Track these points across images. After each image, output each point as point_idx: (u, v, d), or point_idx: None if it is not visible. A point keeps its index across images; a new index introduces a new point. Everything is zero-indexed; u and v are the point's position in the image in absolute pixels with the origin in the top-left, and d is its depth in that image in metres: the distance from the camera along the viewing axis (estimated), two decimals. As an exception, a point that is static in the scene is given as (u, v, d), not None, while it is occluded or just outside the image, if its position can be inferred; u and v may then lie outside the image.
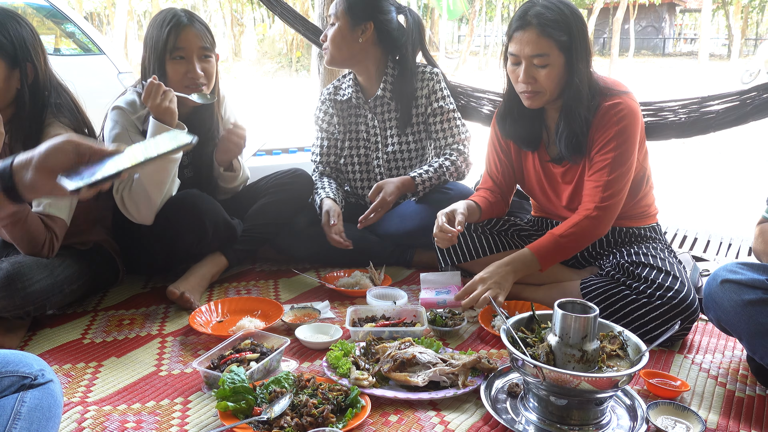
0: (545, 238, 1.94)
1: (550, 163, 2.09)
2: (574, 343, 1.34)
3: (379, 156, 2.60)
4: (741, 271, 1.59)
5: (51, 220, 1.87)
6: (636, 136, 1.92)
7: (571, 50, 1.86)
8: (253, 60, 22.12)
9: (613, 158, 1.90)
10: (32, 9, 4.80)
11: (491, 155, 2.25)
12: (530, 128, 2.08)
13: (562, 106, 1.94)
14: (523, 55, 1.87)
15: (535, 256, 1.91)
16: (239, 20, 24.69)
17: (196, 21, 2.15)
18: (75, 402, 1.51)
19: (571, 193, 2.07)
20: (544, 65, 1.86)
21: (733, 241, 3.01)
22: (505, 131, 2.12)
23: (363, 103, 2.59)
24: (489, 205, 2.18)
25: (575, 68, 1.88)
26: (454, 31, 31.00)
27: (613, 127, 1.89)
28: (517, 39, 1.87)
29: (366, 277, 2.33)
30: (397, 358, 1.58)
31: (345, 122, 2.65)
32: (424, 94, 2.52)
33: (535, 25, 1.83)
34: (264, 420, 1.36)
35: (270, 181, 2.52)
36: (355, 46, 2.45)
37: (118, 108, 2.16)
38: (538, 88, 1.89)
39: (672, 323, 1.73)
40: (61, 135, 1.12)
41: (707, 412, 1.51)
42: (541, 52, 1.84)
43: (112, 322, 2.02)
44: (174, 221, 2.12)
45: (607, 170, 1.90)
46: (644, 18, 28.52)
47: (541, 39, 1.84)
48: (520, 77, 1.89)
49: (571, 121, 1.92)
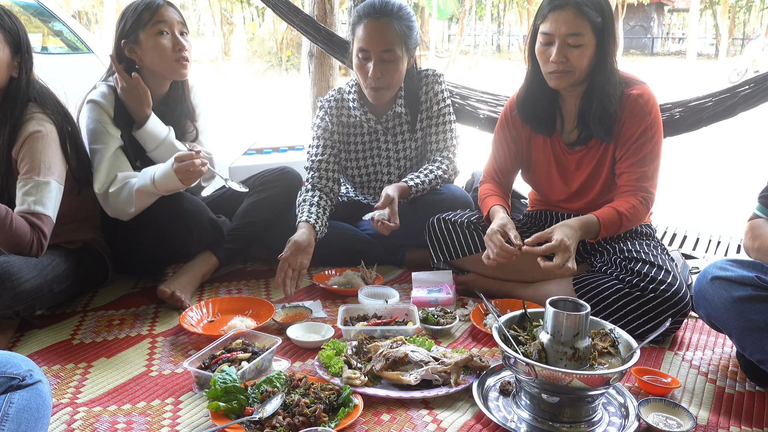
0: (607, 210, 1.90)
1: (563, 151, 2.10)
2: (566, 341, 1.35)
3: (391, 171, 2.53)
4: (731, 268, 1.60)
5: (37, 218, 1.84)
6: (662, 125, 1.99)
7: (603, 32, 1.89)
8: (243, 59, 22.04)
9: (651, 148, 1.94)
10: (19, 7, 4.74)
11: (500, 144, 2.22)
12: (549, 112, 2.09)
13: (594, 87, 1.95)
14: (558, 33, 1.88)
15: (600, 224, 1.88)
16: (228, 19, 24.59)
17: (170, 5, 2.19)
18: (64, 403, 1.50)
19: (584, 181, 2.08)
20: (578, 45, 1.88)
21: (722, 238, 3.03)
22: (525, 114, 2.12)
23: (375, 124, 2.48)
24: (506, 204, 2.17)
25: (608, 50, 1.92)
26: (444, 31, 31.05)
27: (647, 116, 1.94)
28: (553, 18, 1.89)
29: (357, 275, 2.32)
30: (390, 356, 1.58)
31: (353, 141, 2.53)
32: (429, 97, 2.47)
33: (572, 4, 1.86)
34: (256, 420, 1.35)
35: (259, 180, 2.51)
36: (403, 75, 2.37)
37: (92, 102, 2.15)
38: (569, 67, 1.91)
39: (664, 317, 1.75)
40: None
41: (698, 408, 1.52)
42: (577, 31, 1.87)
43: (102, 323, 2.00)
44: (158, 222, 2.11)
45: (647, 159, 1.94)
46: (633, 17, 28.68)
47: (578, 18, 1.86)
48: (552, 56, 1.90)
49: (604, 101, 1.94)
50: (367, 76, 2.27)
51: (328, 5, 3.44)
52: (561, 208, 2.20)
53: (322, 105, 2.52)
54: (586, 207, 2.09)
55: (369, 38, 2.23)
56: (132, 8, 2.16)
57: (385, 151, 2.53)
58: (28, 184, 1.85)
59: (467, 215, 2.25)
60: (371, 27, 2.23)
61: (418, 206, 2.39)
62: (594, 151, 2.03)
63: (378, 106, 2.45)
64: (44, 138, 1.90)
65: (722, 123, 2.60)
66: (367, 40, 2.24)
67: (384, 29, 2.23)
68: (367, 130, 2.51)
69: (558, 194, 2.17)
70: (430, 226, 2.25)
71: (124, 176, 2.10)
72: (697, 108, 2.53)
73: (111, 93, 2.19)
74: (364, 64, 2.28)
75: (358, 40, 2.27)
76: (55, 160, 1.92)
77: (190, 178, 2.01)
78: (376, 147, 2.53)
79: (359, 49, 2.27)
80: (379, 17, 2.23)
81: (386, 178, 2.55)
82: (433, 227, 2.24)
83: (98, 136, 2.12)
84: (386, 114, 2.45)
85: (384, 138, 2.51)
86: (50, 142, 1.92)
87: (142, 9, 2.13)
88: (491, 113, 2.89)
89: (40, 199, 1.85)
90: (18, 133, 1.89)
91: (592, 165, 2.05)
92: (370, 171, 2.56)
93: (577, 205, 2.13)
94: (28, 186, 1.84)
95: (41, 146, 1.88)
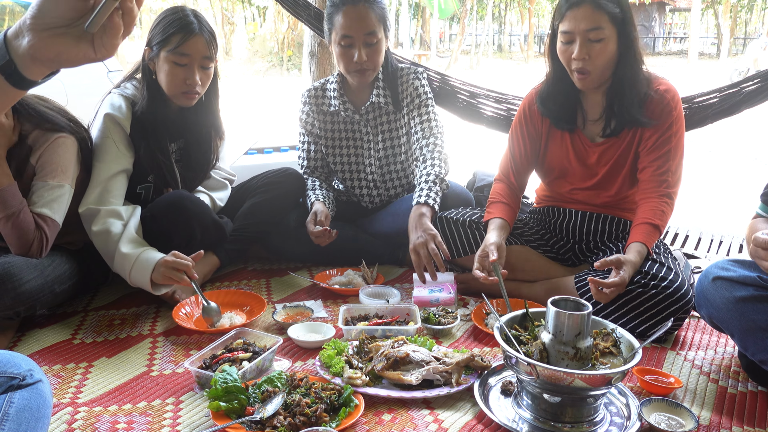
0: (642, 228, 1.89)
1: (584, 145, 2.09)
2: (568, 341, 1.34)
3: (372, 163, 2.56)
4: (732, 268, 1.60)
5: (42, 220, 1.87)
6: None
7: (623, 22, 1.90)
8: (244, 59, 22.03)
9: (675, 143, 1.95)
10: (20, 7, 4.75)
11: (517, 141, 2.21)
12: (571, 109, 2.09)
13: (624, 76, 1.95)
14: (578, 30, 1.89)
15: (646, 246, 1.87)
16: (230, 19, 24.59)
17: (206, 30, 2.11)
18: (65, 403, 1.50)
19: (605, 174, 2.07)
20: (599, 39, 1.88)
21: (724, 238, 3.02)
22: (547, 111, 2.12)
23: (353, 113, 2.53)
24: (513, 215, 2.16)
25: (630, 38, 1.92)
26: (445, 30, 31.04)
27: (673, 111, 1.95)
28: (571, 16, 1.89)
29: (358, 275, 2.32)
30: (391, 356, 1.57)
31: (332, 129, 2.58)
32: (409, 92, 2.50)
33: (589, 0, 1.87)
34: (257, 420, 1.35)
35: (261, 180, 2.51)
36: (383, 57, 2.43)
37: (109, 116, 2.10)
38: (591, 65, 1.91)
39: (666, 313, 1.75)
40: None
41: (700, 408, 1.52)
42: (597, 25, 1.87)
43: (103, 323, 2.00)
44: (162, 223, 2.11)
45: (671, 155, 1.95)
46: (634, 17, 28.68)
47: (596, 13, 1.87)
48: (575, 53, 1.90)
49: (637, 86, 1.94)
50: (352, 61, 2.34)
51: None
52: (579, 203, 2.17)
53: (303, 96, 2.61)
54: (609, 202, 2.09)
55: (351, 24, 2.30)
56: (167, 22, 2.08)
57: (366, 143, 2.56)
58: (42, 186, 1.90)
59: (469, 214, 2.24)
60: (352, 13, 2.30)
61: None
62: (618, 144, 2.03)
63: (357, 96, 2.53)
64: (64, 144, 1.95)
65: (725, 122, 2.59)
66: (350, 25, 2.30)
67: (364, 13, 2.30)
68: (345, 119, 2.56)
69: (578, 189, 2.15)
70: (432, 224, 2.24)
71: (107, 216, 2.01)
72: (702, 105, 2.51)
73: (128, 106, 2.15)
74: (347, 50, 2.34)
75: (340, 27, 2.32)
76: (71, 165, 1.97)
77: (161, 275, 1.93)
78: (359, 138, 2.57)
79: (342, 37, 2.32)
80: (357, 2, 2.30)
81: (369, 170, 2.57)
82: (434, 226, 2.23)
83: (104, 154, 2.09)
84: (365, 105, 2.50)
85: (365, 129, 2.55)
86: (69, 147, 1.97)
87: (173, 32, 2.05)
88: (497, 111, 2.87)
89: (49, 203, 1.89)
90: (38, 143, 1.92)
91: (614, 158, 2.04)
92: (352, 161, 2.59)
93: (600, 200, 2.12)
94: (42, 188, 1.90)
95: (61, 151, 1.94)
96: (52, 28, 0.77)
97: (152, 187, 2.26)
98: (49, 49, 0.77)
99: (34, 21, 0.76)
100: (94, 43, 0.78)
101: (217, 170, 2.49)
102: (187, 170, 2.33)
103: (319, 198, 2.47)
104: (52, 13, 0.76)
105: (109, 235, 1.99)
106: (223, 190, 2.51)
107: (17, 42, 0.78)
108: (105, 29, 0.77)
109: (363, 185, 2.60)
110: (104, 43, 0.78)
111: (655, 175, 1.95)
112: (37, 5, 0.77)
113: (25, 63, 0.79)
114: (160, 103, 2.15)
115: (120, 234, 1.99)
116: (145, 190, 2.25)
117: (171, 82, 2.10)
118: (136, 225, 2.05)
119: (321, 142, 2.60)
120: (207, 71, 2.14)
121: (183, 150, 2.32)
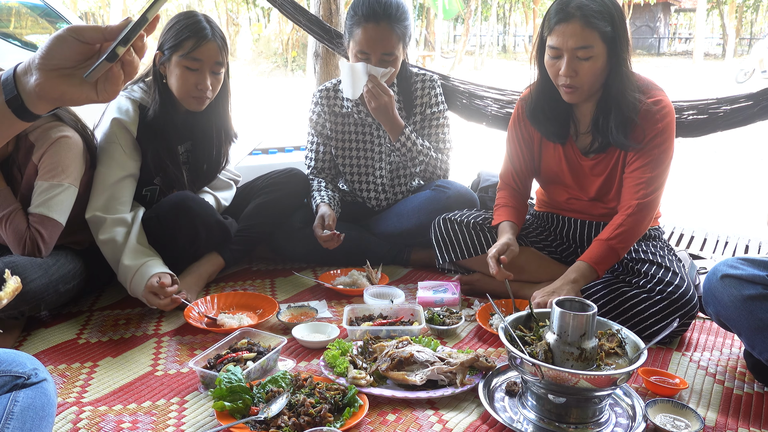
0: (594, 246, 1.88)
1: (576, 156, 2.05)
2: (573, 341, 1.34)
3: (383, 167, 2.54)
4: (741, 267, 1.59)
5: (39, 219, 1.88)
6: (674, 133, 1.93)
7: (614, 40, 1.82)
8: (249, 60, 22.06)
9: (656, 155, 1.89)
10: (26, 8, 4.77)
11: (514, 144, 2.18)
12: (562, 121, 2.04)
13: (610, 95, 1.89)
14: (566, 48, 1.82)
15: (591, 265, 1.85)
16: (234, 20, 24.63)
17: (218, 35, 2.11)
18: (70, 402, 1.50)
19: (601, 185, 2.04)
20: (588, 57, 1.82)
21: (730, 239, 3.01)
22: (536, 122, 2.07)
23: (366, 116, 2.51)
24: (521, 217, 2.14)
25: (620, 57, 1.85)
26: (449, 31, 31.00)
27: (658, 124, 1.88)
28: (559, 31, 1.82)
29: (363, 276, 2.32)
30: (395, 356, 1.57)
31: (343, 131, 2.56)
32: (424, 101, 2.49)
33: (579, 17, 1.79)
34: (261, 420, 1.35)
35: (265, 181, 2.51)
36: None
37: (116, 120, 2.10)
38: (579, 82, 1.85)
39: (671, 319, 1.73)
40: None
41: (705, 409, 1.51)
42: (586, 44, 1.80)
43: (108, 322, 2.01)
44: (166, 224, 2.11)
45: (650, 167, 1.89)
46: (639, 17, 28.56)
47: (586, 30, 1.79)
48: (562, 70, 1.84)
49: (623, 107, 1.88)
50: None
51: (333, 5, 3.44)
52: (577, 212, 2.15)
53: (315, 96, 2.58)
54: (608, 213, 2.04)
55: (369, 42, 2.26)
56: (180, 27, 2.07)
57: (378, 146, 2.54)
58: (42, 186, 1.91)
59: (473, 215, 2.24)
60: (372, 32, 2.25)
61: (423, 204, 2.38)
62: (609, 158, 1.99)
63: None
64: (67, 143, 1.95)
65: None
66: (368, 44, 2.26)
67: (385, 34, 2.26)
68: (357, 121, 2.53)
69: (575, 200, 2.13)
70: (436, 225, 2.24)
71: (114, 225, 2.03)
72: (712, 117, 2.47)
73: (135, 109, 2.14)
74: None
75: (358, 42, 2.28)
76: (75, 164, 1.97)
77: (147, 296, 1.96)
78: (369, 141, 2.55)
79: (359, 51, 2.29)
80: (379, 21, 2.25)
81: (378, 173, 2.56)
82: (438, 227, 2.23)
83: (110, 159, 2.08)
84: None
85: (377, 133, 2.53)
86: (72, 146, 1.97)
87: (186, 37, 2.05)
88: (498, 109, 2.86)
89: (48, 202, 1.90)
90: (40, 141, 1.93)
91: (607, 171, 2.01)
92: (362, 164, 2.57)
93: (598, 212, 2.09)
94: (42, 188, 1.91)
95: (63, 150, 1.94)
96: (58, 69, 0.82)
97: (158, 189, 2.26)
98: (54, 89, 0.82)
99: (42, 61, 0.82)
100: (96, 86, 0.83)
101: (222, 171, 2.49)
102: (194, 172, 2.33)
103: (325, 200, 2.45)
104: (59, 55, 0.81)
105: (116, 245, 2.02)
106: (227, 191, 2.52)
107: (25, 78, 0.83)
108: (106, 76, 0.82)
109: (371, 188, 2.58)
110: (106, 88, 0.83)
111: (631, 185, 1.91)
112: (46, 46, 0.82)
113: (31, 99, 0.84)
114: (170, 107, 2.16)
115: (124, 244, 2.01)
116: (151, 192, 2.26)
117: (182, 87, 2.10)
118: (137, 232, 2.06)
119: (331, 143, 2.58)
120: (218, 76, 2.14)
121: (191, 152, 2.32)
